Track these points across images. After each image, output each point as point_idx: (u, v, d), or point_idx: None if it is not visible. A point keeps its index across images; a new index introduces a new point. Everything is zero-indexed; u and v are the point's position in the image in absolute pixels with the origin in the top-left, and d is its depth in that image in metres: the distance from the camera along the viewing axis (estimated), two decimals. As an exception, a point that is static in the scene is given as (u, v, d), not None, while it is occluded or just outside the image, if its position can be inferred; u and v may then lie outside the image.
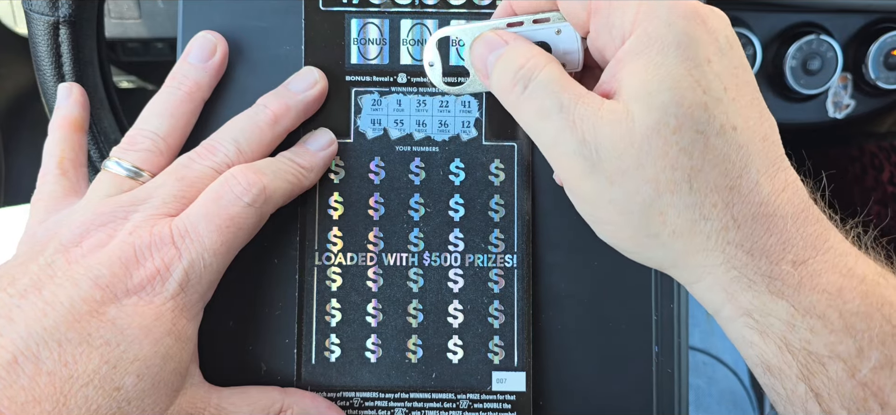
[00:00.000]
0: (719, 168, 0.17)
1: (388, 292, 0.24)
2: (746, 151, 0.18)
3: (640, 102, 0.17)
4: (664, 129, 0.17)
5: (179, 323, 0.20)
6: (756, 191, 0.17)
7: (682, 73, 0.17)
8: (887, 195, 0.50)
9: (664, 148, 0.17)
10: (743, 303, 0.18)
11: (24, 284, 0.19)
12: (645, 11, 0.18)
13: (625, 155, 0.17)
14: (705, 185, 0.17)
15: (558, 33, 0.20)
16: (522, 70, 0.19)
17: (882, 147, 0.49)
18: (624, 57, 0.18)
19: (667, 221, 0.18)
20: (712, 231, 0.18)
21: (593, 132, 0.18)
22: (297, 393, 0.23)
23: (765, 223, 0.17)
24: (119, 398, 0.19)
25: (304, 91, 0.23)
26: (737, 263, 0.18)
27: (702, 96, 0.17)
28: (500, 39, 0.20)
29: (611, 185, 0.18)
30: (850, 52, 0.41)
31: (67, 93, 0.25)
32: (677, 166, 0.17)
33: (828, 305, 0.17)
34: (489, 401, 0.24)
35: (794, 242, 0.17)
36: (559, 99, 0.18)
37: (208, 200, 0.21)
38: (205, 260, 0.20)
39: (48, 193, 0.23)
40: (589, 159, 0.18)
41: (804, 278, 0.17)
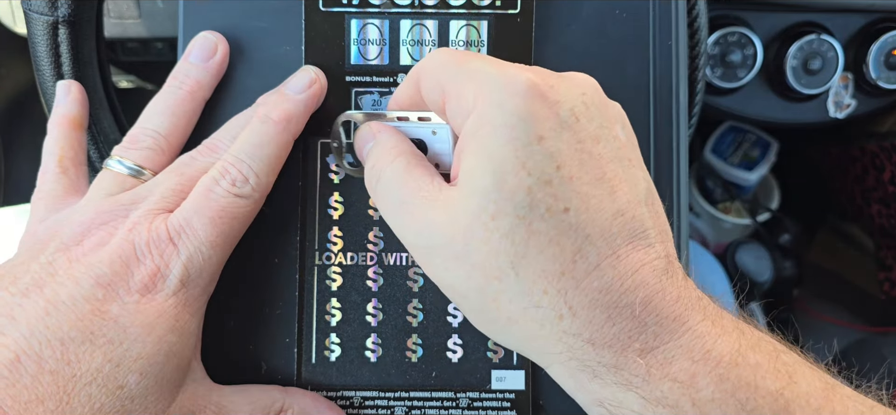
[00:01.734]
0: (546, 254, 0.16)
1: (387, 292, 0.24)
2: (582, 233, 0.16)
3: (465, 188, 0.17)
4: (483, 215, 0.16)
5: (182, 319, 0.20)
6: (596, 276, 0.16)
7: (506, 155, 0.16)
8: (888, 195, 0.50)
9: (485, 235, 0.16)
10: (592, 391, 0.17)
11: (25, 282, 0.19)
12: (481, 92, 0.17)
13: (453, 242, 0.17)
14: (532, 271, 0.16)
15: (434, 134, 0.20)
16: (375, 168, 0.20)
17: (883, 147, 0.49)
18: (462, 140, 0.18)
19: (500, 308, 0.17)
20: (546, 320, 0.16)
21: (428, 223, 0.17)
22: (298, 392, 0.23)
23: (605, 312, 0.16)
24: (122, 396, 0.19)
25: (302, 92, 0.23)
26: (577, 353, 0.17)
27: (525, 179, 0.16)
28: (370, 134, 0.21)
29: (446, 271, 0.17)
30: (850, 52, 0.41)
31: (66, 91, 0.25)
32: (499, 253, 0.16)
33: (680, 394, 0.16)
34: (488, 399, 0.24)
35: (644, 329, 0.16)
36: (399, 195, 0.18)
37: (199, 194, 0.21)
38: (203, 254, 0.20)
39: (48, 191, 0.23)
40: (426, 248, 0.18)
41: (653, 367, 0.16)
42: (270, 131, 0.22)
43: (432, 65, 0.19)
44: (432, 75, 0.19)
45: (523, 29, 0.24)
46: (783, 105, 0.43)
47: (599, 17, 0.24)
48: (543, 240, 0.16)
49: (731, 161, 0.55)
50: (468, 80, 0.18)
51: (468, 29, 0.24)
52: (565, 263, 0.16)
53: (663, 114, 0.24)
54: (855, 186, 0.53)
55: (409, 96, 0.20)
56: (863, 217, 0.54)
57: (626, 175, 0.17)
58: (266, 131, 0.22)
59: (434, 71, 0.19)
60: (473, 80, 0.17)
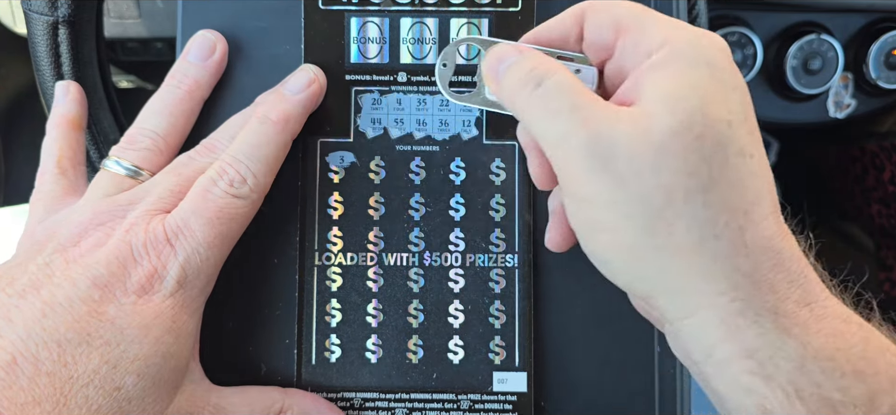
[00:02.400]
0: (735, 189, 0.17)
1: (388, 292, 0.24)
2: (761, 182, 0.17)
3: (665, 105, 0.17)
4: (687, 133, 0.16)
5: (179, 320, 0.20)
6: (767, 224, 0.17)
7: (710, 88, 0.17)
8: (888, 195, 0.50)
9: (684, 153, 0.16)
10: (746, 340, 0.17)
11: (22, 284, 0.19)
12: (676, 32, 0.18)
13: (641, 155, 0.17)
14: (720, 201, 0.17)
15: (578, 72, 0.20)
16: (534, 71, 0.19)
17: (883, 147, 0.49)
18: (649, 69, 0.18)
19: (673, 233, 0.17)
20: (721, 253, 0.17)
21: (609, 129, 0.17)
22: (298, 393, 0.23)
23: (774, 257, 0.17)
24: (119, 398, 0.19)
25: (301, 91, 0.23)
26: (743, 292, 0.17)
27: (727, 114, 0.17)
28: (515, 50, 0.20)
29: (619, 186, 0.17)
30: (850, 52, 0.41)
31: (65, 91, 0.25)
32: (695, 174, 0.16)
33: (836, 348, 0.16)
34: (490, 402, 0.24)
35: (798, 284, 0.17)
36: (573, 98, 0.18)
37: (197, 195, 0.21)
38: (200, 255, 0.20)
39: (47, 192, 0.23)
40: (599, 157, 0.17)
41: (809, 320, 0.17)
42: (269, 131, 0.22)
43: (609, 4, 0.19)
44: (609, 12, 0.19)
45: (524, 26, 0.24)
46: (783, 105, 0.43)
47: (600, 16, 0.24)
48: (736, 175, 0.17)
49: (731, 161, 0.55)
50: (656, 20, 0.18)
51: (469, 27, 0.24)
52: (749, 203, 0.17)
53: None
54: (855, 186, 0.53)
55: (560, 33, 0.20)
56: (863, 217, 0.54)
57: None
58: (264, 131, 0.22)
59: (612, 7, 0.19)
60: (666, 24, 0.18)
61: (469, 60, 0.24)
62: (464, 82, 0.24)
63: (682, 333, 0.18)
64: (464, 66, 0.24)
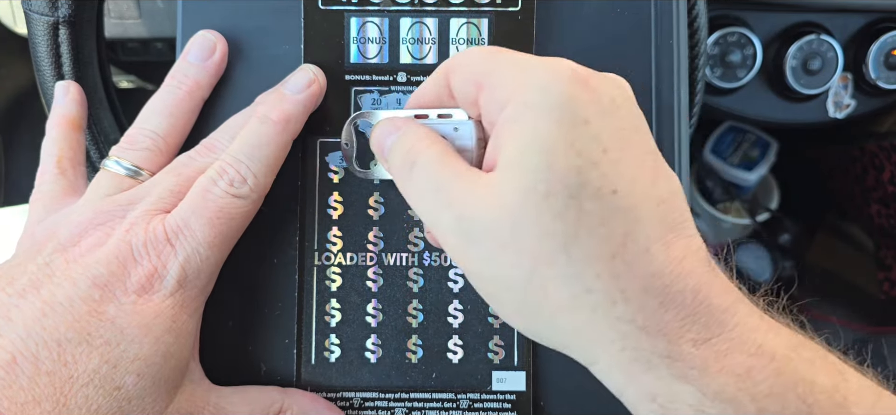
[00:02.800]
0: (597, 235, 0.16)
1: (387, 292, 0.24)
2: (631, 216, 0.16)
3: (512, 169, 0.16)
4: (534, 194, 0.16)
5: (179, 320, 0.20)
6: (646, 260, 0.16)
7: (554, 135, 0.16)
8: (888, 195, 0.50)
9: (536, 215, 0.16)
10: (645, 385, 0.16)
11: (22, 283, 0.19)
12: (521, 79, 0.17)
13: (499, 227, 0.16)
14: (584, 254, 0.16)
15: (456, 130, 0.20)
16: (408, 154, 0.19)
17: (883, 147, 0.49)
18: (501, 126, 0.17)
19: (549, 296, 0.16)
20: (598, 305, 0.16)
21: (469, 208, 0.17)
22: (297, 393, 0.23)
23: (658, 297, 0.16)
24: (119, 398, 0.19)
25: (301, 91, 0.23)
26: (631, 342, 0.16)
27: (575, 160, 0.16)
28: (394, 127, 0.20)
29: (490, 261, 0.17)
30: (850, 52, 0.41)
31: (65, 91, 0.25)
32: (552, 235, 0.16)
33: (738, 388, 0.15)
34: (489, 401, 0.24)
35: (696, 319, 0.16)
36: (437, 180, 0.18)
37: (197, 195, 0.21)
38: (200, 254, 0.20)
39: (47, 192, 0.23)
40: (467, 235, 0.17)
41: (709, 359, 0.16)
42: (269, 132, 0.22)
43: (466, 59, 0.19)
44: (466, 68, 0.19)
45: (524, 27, 0.24)
46: (783, 105, 0.43)
47: (600, 15, 0.24)
48: (594, 221, 0.16)
49: (730, 161, 0.55)
50: (507, 68, 0.18)
51: (469, 27, 0.24)
52: (616, 246, 0.16)
53: (663, 113, 0.24)
54: (855, 186, 0.53)
55: (433, 93, 0.20)
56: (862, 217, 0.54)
57: (663, 168, 0.17)
58: (264, 132, 0.22)
59: (468, 64, 0.19)
60: (513, 68, 0.17)
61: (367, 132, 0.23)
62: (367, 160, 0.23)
63: (596, 375, 0.18)
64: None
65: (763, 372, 0.16)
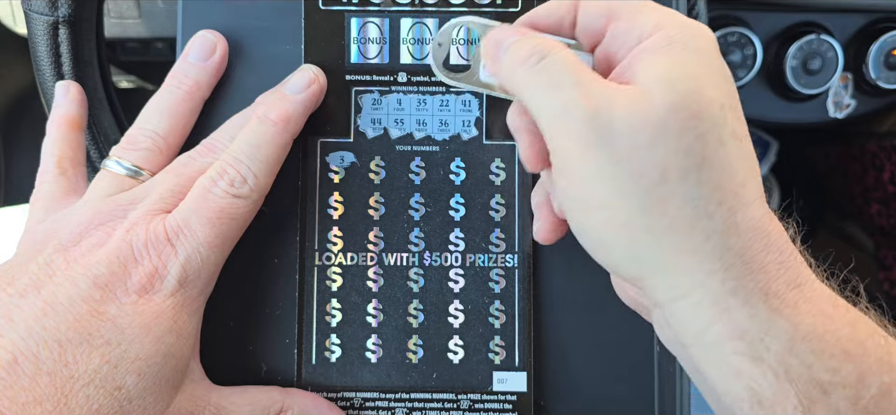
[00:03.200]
0: (727, 170, 0.17)
1: (388, 292, 0.24)
2: (750, 165, 0.18)
3: (662, 84, 0.17)
4: (684, 111, 0.17)
5: (180, 320, 0.20)
6: (757, 205, 0.17)
7: (704, 72, 0.17)
8: (888, 195, 0.50)
9: (681, 131, 0.17)
10: (737, 321, 0.17)
11: (23, 283, 0.19)
12: (668, 19, 0.18)
13: (639, 132, 0.17)
14: (713, 180, 0.17)
15: None
16: (539, 47, 0.19)
17: (883, 147, 0.49)
18: (643, 52, 0.18)
19: (666, 212, 0.17)
20: (713, 231, 0.17)
21: (608, 105, 0.17)
22: (298, 393, 0.23)
23: (764, 238, 0.17)
24: (120, 398, 0.19)
25: (301, 92, 0.23)
26: (735, 272, 0.17)
27: (720, 97, 0.17)
28: (516, 31, 0.20)
29: (616, 162, 0.17)
30: (850, 52, 0.41)
31: (65, 91, 0.25)
32: (690, 153, 0.17)
33: (825, 329, 0.17)
34: (490, 401, 0.24)
35: (788, 266, 0.17)
36: (575, 75, 0.18)
37: (197, 195, 0.21)
38: (201, 255, 0.20)
39: (47, 192, 0.23)
40: (598, 132, 0.17)
41: (799, 301, 0.17)
42: (269, 132, 0.22)
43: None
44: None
45: (524, 28, 0.24)
46: (783, 105, 0.43)
47: (600, 16, 0.24)
48: (727, 156, 0.17)
49: (731, 161, 0.55)
50: (650, 9, 0.19)
51: (469, 27, 0.24)
52: (739, 184, 0.17)
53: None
54: (855, 185, 0.53)
55: (555, 17, 0.20)
56: (862, 217, 0.54)
57: None
58: (264, 132, 0.22)
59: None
60: (657, 11, 0.19)
61: (465, 42, 0.23)
62: (456, 66, 0.23)
63: (672, 316, 0.18)
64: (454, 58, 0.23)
65: (842, 320, 0.17)
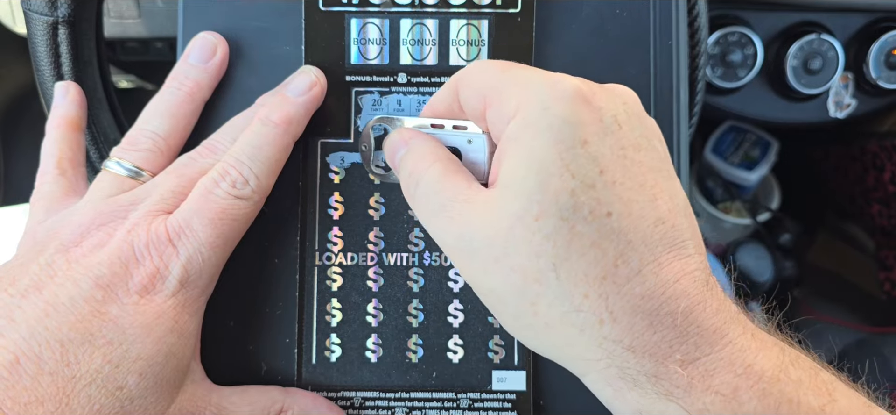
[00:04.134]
0: (588, 257, 0.16)
1: (388, 292, 0.24)
2: (625, 239, 0.16)
3: (508, 190, 0.17)
4: (526, 216, 0.16)
5: (181, 320, 0.20)
6: (638, 282, 0.16)
7: (550, 157, 0.16)
8: (888, 195, 0.50)
9: (527, 236, 0.16)
10: (631, 401, 0.17)
11: (24, 284, 0.19)
12: (524, 97, 0.17)
13: (493, 244, 0.17)
14: (573, 275, 0.16)
15: (469, 143, 0.20)
16: (413, 174, 0.19)
17: (883, 147, 0.49)
18: (503, 142, 0.18)
19: (538, 312, 0.17)
20: (586, 325, 0.16)
21: (468, 225, 0.17)
22: (298, 393, 0.23)
23: (647, 318, 0.16)
24: (122, 397, 0.19)
25: (303, 94, 0.23)
26: (617, 360, 0.16)
27: (569, 182, 0.16)
28: (403, 140, 0.20)
29: (486, 274, 0.17)
30: (851, 52, 0.41)
31: (64, 92, 0.25)
32: (541, 255, 0.16)
33: (722, 407, 0.16)
34: (489, 400, 0.24)
35: (685, 339, 0.16)
36: (438, 199, 0.18)
37: (199, 195, 0.21)
38: (202, 255, 0.20)
39: (47, 193, 0.23)
40: (466, 251, 0.18)
41: (694, 379, 0.16)
42: (271, 133, 0.22)
43: (474, 72, 0.19)
44: (474, 82, 0.19)
45: (524, 28, 0.24)
46: (783, 105, 0.43)
47: (600, 16, 0.24)
48: (585, 243, 0.16)
49: (731, 161, 0.55)
50: (511, 85, 0.18)
51: (469, 28, 0.24)
52: (607, 268, 0.16)
53: (664, 114, 0.24)
54: (855, 186, 0.53)
55: (446, 104, 0.20)
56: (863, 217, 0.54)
57: (666, 185, 0.17)
58: (266, 133, 0.22)
59: (476, 78, 0.19)
60: (517, 85, 0.18)
61: None
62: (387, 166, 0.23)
63: (586, 384, 0.18)
64: None
65: (749, 393, 0.16)
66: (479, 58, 0.24)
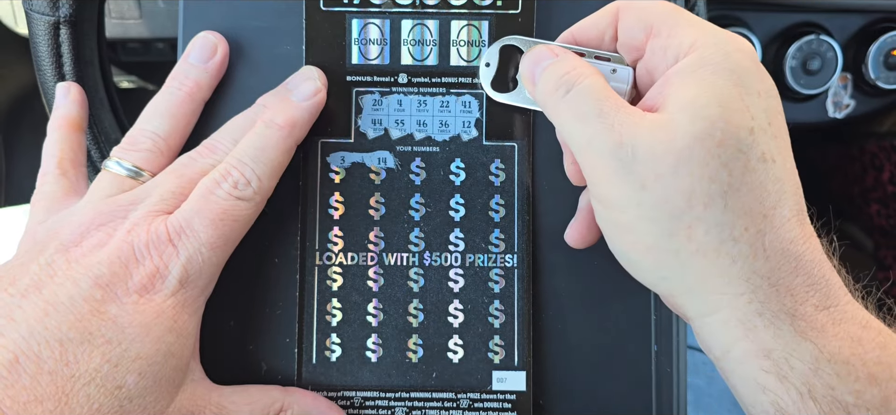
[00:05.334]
0: (755, 194, 0.17)
1: (388, 292, 0.24)
2: (782, 187, 0.18)
3: (687, 112, 0.17)
4: (708, 140, 0.17)
5: (180, 319, 0.20)
6: (787, 227, 0.17)
7: (733, 94, 0.17)
8: (888, 195, 0.50)
9: (705, 158, 0.17)
10: (763, 340, 0.17)
11: (24, 283, 0.19)
12: (704, 37, 0.18)
13: (663, 159, 0.17)
14: (740, 206, 0.17)
15: (614, 72, 0.21)
16: (566, 76, 0.19)
17: (882, 147, 0.49)
18: (675, 75, 0.18)
19: (693, 237, 0.17)
20: (740, 255, 0.17)
21: (632, 135, 0.18)
22: (298, 392, 0.23)
23: (793, 261, 0.17)
24: (121, 397, 0.19)
25: (308, 99, 0.23)
26: (761, 295, 0.17)
27: (749, 121, 0.17)
28: (550, 53, 0.21)
29: (642, 189, 0.17)
30: (849, 52, 0.42)
31: (65, 92, 0.25)
32: (715, 180, 0.17)
33: (852, 352, 0.17)
34: (489, 400, 0.24)
35: (818, 288, 0.17)
36: (599, 105, 0.18)
37: (200, 195, 0.21)
38: (202, 255, 0.20)
39: (48, 193, 0.23)
40: (623, 161, 0.18)
41: (827, 324, 0.17)
42: (275, 136, 0.22)
43: (643, 2, 0.20)
44: (642, 11, 0.20)
45: (524, 29, 0.24)
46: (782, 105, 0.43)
47: (600, 17, 0.24)
48: (756, 180, 0.17)
49: (730, 161, 0.55)
50: (688, 25, 0.19)
51: (469, 29, 0.24)
52: (768, 207, 0.17)
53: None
54: (854, 186, 0.53)
55: (598, 29, 0.21)
56: (862, 217, 0.54)
57: (793, 156, 0.19)
58: (270, 136, 0.22)
59: (645, 8, 0.20)
60: (695, 27, 0.19)
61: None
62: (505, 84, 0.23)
63: (702, 330, 0.19)
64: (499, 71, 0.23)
65: (872, 343, 0.17)
66: (480, 59, 0.24)
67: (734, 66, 0.18)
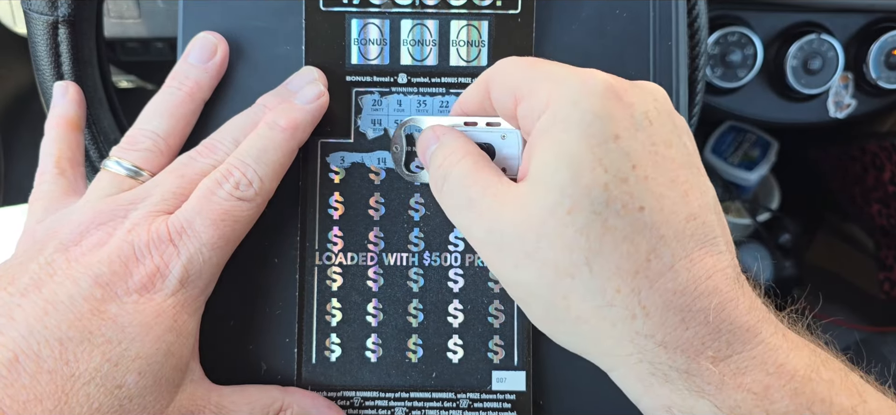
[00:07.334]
0: (620, 251, 0.16)
1: (388, 292, 0.24)
2: (657, 233, 0.16)
3: (539, 183, 0.17)
4: (559, 210, 0.16)
5: (180, 319, 0.20)
6: (670, 277, 0.16)
7: (582, 151, 0.16)
8: (888, 195, 0.50)
9: (559, 230, 0.16)
10: (661, 396, 0.17)
11: (24, 283, 0.19)
12: (556, 90, 0.17)
13: (526, 238, 0.17)
14: (606, 269, 0.16)
15: (503, 138, 0.20)
16: (441, 167, 0.19)
17: (883, 147, 0.49)
18: (535, 138, 0.17)
19: (570, 307, 0.17)
20: (618, 319, 0.16)
21: (498, 219, 0.17)
22: (298, 392, 0.23)
23: (680, 314, 0.16)
24: (120, 396, 0.19)
25: (311, 102, 0.23)
26: (649, 356, 0.16)
27: (602, 176, 0.16)
28: (434, 136, 0.20)
29: (516, 268, 0.17)
30: (850, 52, 0.42)
31: (63, 91, 0.25)
32: (574, 248, 0.16)
33: (754, 405, 0.16)
34: (489, 400, 0.24)
35: (717, 336, 0.16)
36: (468, 193, 0.18)
37: (201, 195, 0.21)
38: (203, 255, 0.20)
39: (46, 192, 0.23)
40: (496, 245, 0.18)
41: (726, 377, 0.16)
42: (277, 137, 0.22)
43: (504, 68, 0.19)
44: (504, 79, 0.19)
45: (524, 29, 0.24)
46: (783, 105, 0.43)
47: (600, 16, 0.24)
48: (618, 237, 0.16)
49: (731, 161, 0.55)
50: (542, 80, 0.18)
51: (469, 29, 0.24)
52: (639, 263, 0.16)
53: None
54: (855, 185, 0.53)
55: (476, 102, 0.20)
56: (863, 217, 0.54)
57: (696, 181, 0.17)
58: (273, 137, 0.22)
59: (506, 74, 0.19)
60: (548, 81, 0.18)
61: None
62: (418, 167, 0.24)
63: (614, 380, 0.18)
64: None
65: (781, 391, 0.16)
66: (480, 59, 0.24)
67: (582, 116, 0.16)
